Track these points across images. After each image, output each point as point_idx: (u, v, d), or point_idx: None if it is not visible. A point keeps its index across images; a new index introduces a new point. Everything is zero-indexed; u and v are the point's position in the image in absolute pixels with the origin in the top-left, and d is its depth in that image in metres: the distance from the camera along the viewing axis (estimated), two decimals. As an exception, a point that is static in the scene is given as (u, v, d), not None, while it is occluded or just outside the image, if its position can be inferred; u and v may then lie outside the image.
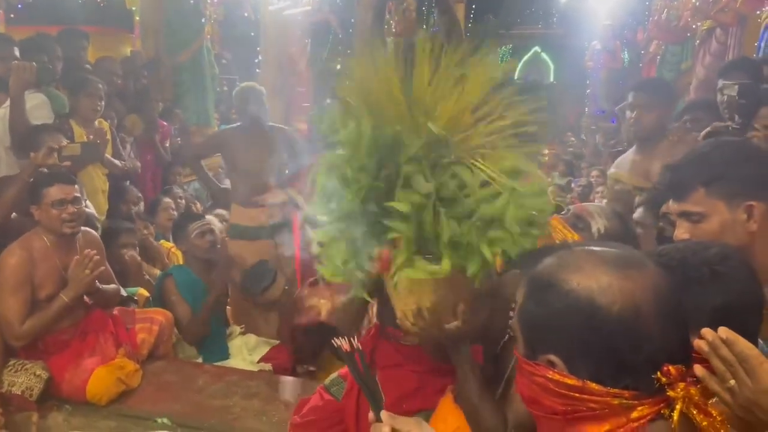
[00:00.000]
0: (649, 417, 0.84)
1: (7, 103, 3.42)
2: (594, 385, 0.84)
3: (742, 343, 0.99)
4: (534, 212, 1.32)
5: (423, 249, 1.35)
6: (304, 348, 3.55)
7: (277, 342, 3.62)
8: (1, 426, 2.52)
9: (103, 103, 3.98)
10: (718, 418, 0.84)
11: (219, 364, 3.39)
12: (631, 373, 0.84)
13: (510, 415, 1.45)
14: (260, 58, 7.39)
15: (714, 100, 3.29)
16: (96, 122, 3.97)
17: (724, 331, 0.99)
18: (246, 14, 7.56)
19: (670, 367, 0.83)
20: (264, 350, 3.55)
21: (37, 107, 3.61)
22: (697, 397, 0.83)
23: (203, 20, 6.18)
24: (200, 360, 3.44)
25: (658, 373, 0.83)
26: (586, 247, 0.94)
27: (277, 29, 6.88)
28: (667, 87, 3.31)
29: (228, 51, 7.89)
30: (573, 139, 9.02)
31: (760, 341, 1.26)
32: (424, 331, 1.44)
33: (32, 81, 3.43)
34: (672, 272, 1.22)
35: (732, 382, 1.00)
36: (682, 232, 1.58)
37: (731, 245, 1.39)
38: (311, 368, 3.50)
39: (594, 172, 5.36)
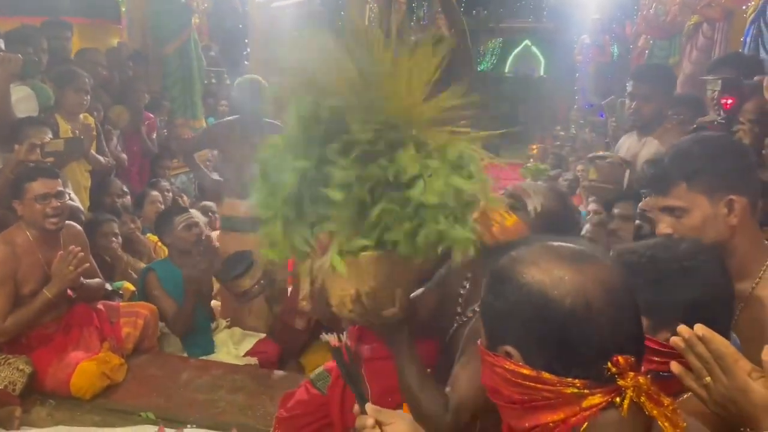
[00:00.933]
0: (600, 406, 0.87)
1: (-8, 96, 3.39)
2: (547, 375, 0.88)
3: (718, 341, 1.00)
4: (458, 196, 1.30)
5: (359, 234, 1.33)
6: (297, 339, 3.57)
7: (263, 335, 3.62)
8: (-16, 420, 2.52)
9: (89, 97, 3.96)
10: (669, 407, 0.86)
11: (204, 358, 3.39)
12: (581, 362, 0.87)
13: (454, 397, 1.45)
14: (248, 50, 7.36)
15: (697, 96, 3.31)
16: (81, 117, 3.94)
17: (700, 329, 1.00)
18: (234, 6, 7.52)
19: (620, 358, 0.86)
20: (250, 344, 3.55)
21: (22, 100, 3.58)
22: (646, 387, 0.86)
23: (191, 12, 6.12)
24: (185, 354, 3.44)
25: (608, 363, 0.86)
26: (544, 242, 0.97)
27: (266, 22, 6.84)
28: (667, 74, 3.26)
29: (216, 43, 7.83)
30: (562, 133, 9.05)
31: (733, 335, 1.27)
32: (361, 317, 1.41)
33: (18, 73, 3.40)
34: (643, 269, 1.24)
35: (707, 378, 1.02)
36: (664, 227, 1.59)
37: (703, 240, 1.41)
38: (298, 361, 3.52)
39: (579, 167, 5.36)
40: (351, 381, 1.22)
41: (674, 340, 1.05)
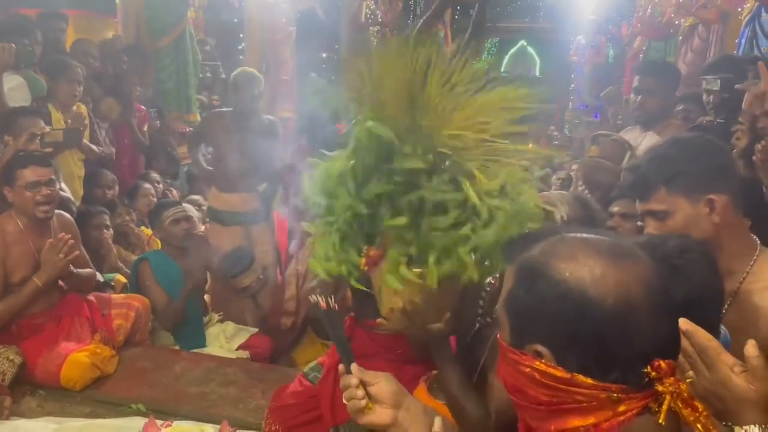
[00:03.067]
0: (635, 411, 0.83)
1: (-16, 85, 3.37)
2: (583, 378, 0.82)
3: (701, 335, 0.99)
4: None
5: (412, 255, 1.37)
6: (287, 334, 3.58)
7: (256, 330, 3.62)
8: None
9: (81, 88, 3.96)
10: (704, 413, 0.83)
11: (196, 351, 3.37)
12: (620, 366, 0.82)
13: (492, 404, 1.47)
14: (244, 45, 7.34)
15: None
16: (74, 107, 3.93)
17: (683, 323, 0.99)
18: (230, 0, 7.49)
19: (661, 362, 0.82)
20: (242, 338, 3.54)
21: (15, 89, 3.58)
22: (685, 393, 0.82)
23: (187, 5, 6.10)
24: (177, 347, 3.42)
25: (648, 367, 0.82)
26: (579, 235, 0.91)
27: (262, 16, 6.82)
28: (672, 70, 3.28)
29: (211, 37, 7.82)
30: (556, 133, 9.07)
31: (723, 328, 1.28)
32: (408, 329, 1.47)
33: (10, 63, 3.39)
34: None
35: (690, 373, 1.02)
36: (650, 230, 1.61)
37: (691, 237, 1.40)
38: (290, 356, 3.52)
39: (574, 166, 5.36)
40: (338, 341, 1.23)
41: None
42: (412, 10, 11.48)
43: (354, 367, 1.16)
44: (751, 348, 0.99)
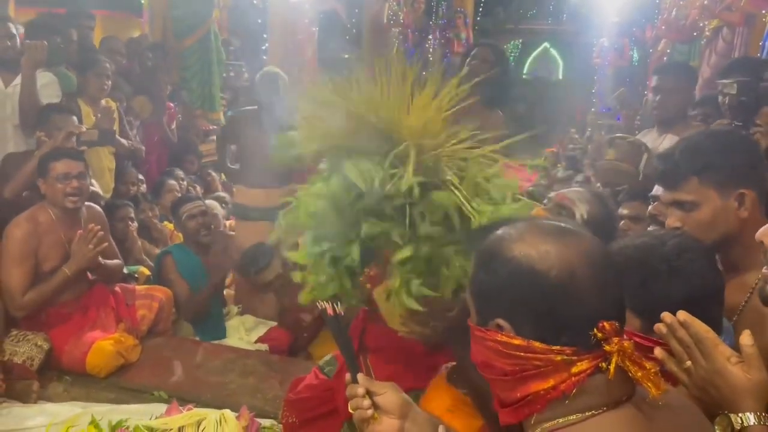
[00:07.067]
0: (588, 371, 0.91)
1: (16, 81, 3.48)
2: (537, 344, 0.91)
3: (698, 326, 1.04)
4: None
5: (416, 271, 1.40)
6: (305, 330, 3.62)
7: (275, 323, 3.67)
8: (1, 392, 2.59)
9: (110, 82, 4.06)
10: (652, 370, 0.90)
11: (216, 342, 3.44)
12: (569, 330, 0.91)
13: None
14: (267, 45, 7.41)
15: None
16: (103, 101, 4.03)
17: (681, 314, 1.04)
18: (254, 1, 7.58)
19: (605, 323, 0.90)
20: (261, 331, 3.60)
21: (46, 86, 3.67)
22: (630, 351, 0.89)
23: (212, 5, 6.20)
24: (197, 339, 3.50)
25: (594, 329, 0.90)
26: (529, 220, 1.02)
27: (285, 17, 6.89)
28: (690, 70, 3.32)
29: (235, 37, 7.91)
30: (576, 135, 9.01)
31: (727, 322, 1.30)
32: (427, 325, 1.48)
33: (43, 60, 3.50)
34: (632, 271, 1.25)
35: (688, 363, 1.05)
36: (674, 220, 1.61)
37: (688, 236, 1.41)
38: (307, 350, 3.57)
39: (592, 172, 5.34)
40: (344, 349, 1.24)
41: (657, 326, 1.09)
42: (434, 11, 11.50)
43: (360, 376, 1.18)
44: (746, 337, 1.03)
